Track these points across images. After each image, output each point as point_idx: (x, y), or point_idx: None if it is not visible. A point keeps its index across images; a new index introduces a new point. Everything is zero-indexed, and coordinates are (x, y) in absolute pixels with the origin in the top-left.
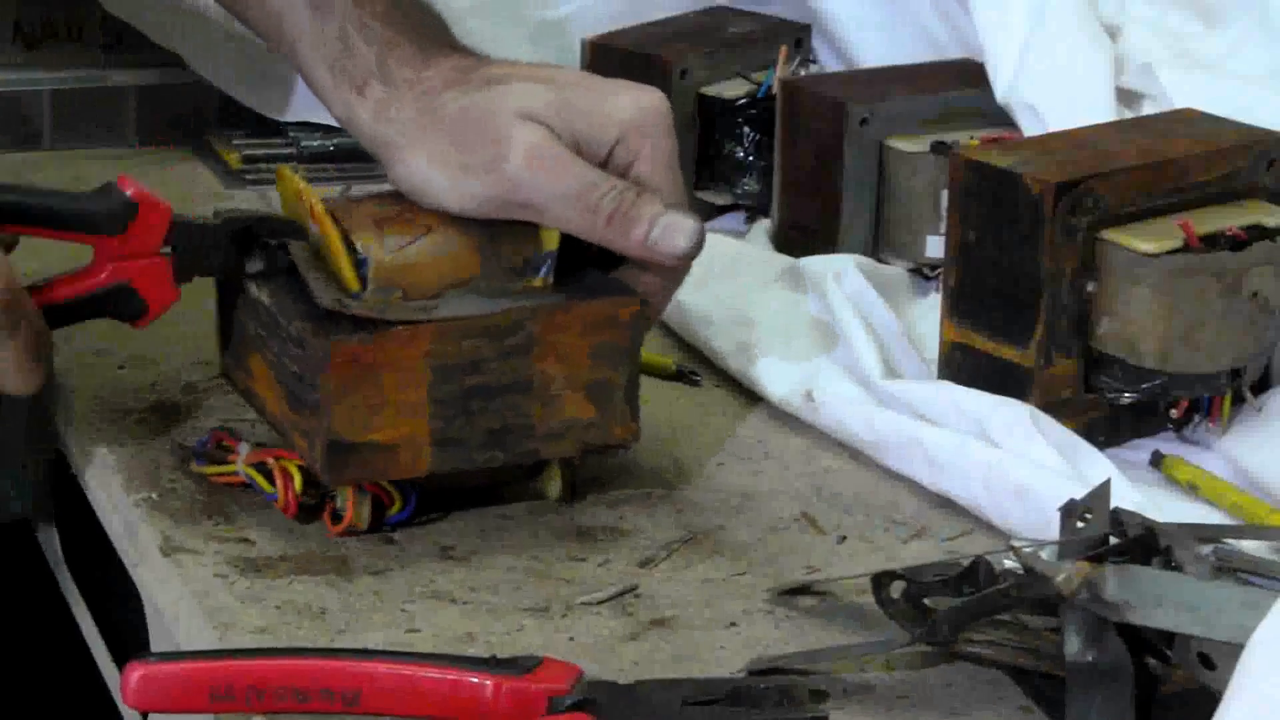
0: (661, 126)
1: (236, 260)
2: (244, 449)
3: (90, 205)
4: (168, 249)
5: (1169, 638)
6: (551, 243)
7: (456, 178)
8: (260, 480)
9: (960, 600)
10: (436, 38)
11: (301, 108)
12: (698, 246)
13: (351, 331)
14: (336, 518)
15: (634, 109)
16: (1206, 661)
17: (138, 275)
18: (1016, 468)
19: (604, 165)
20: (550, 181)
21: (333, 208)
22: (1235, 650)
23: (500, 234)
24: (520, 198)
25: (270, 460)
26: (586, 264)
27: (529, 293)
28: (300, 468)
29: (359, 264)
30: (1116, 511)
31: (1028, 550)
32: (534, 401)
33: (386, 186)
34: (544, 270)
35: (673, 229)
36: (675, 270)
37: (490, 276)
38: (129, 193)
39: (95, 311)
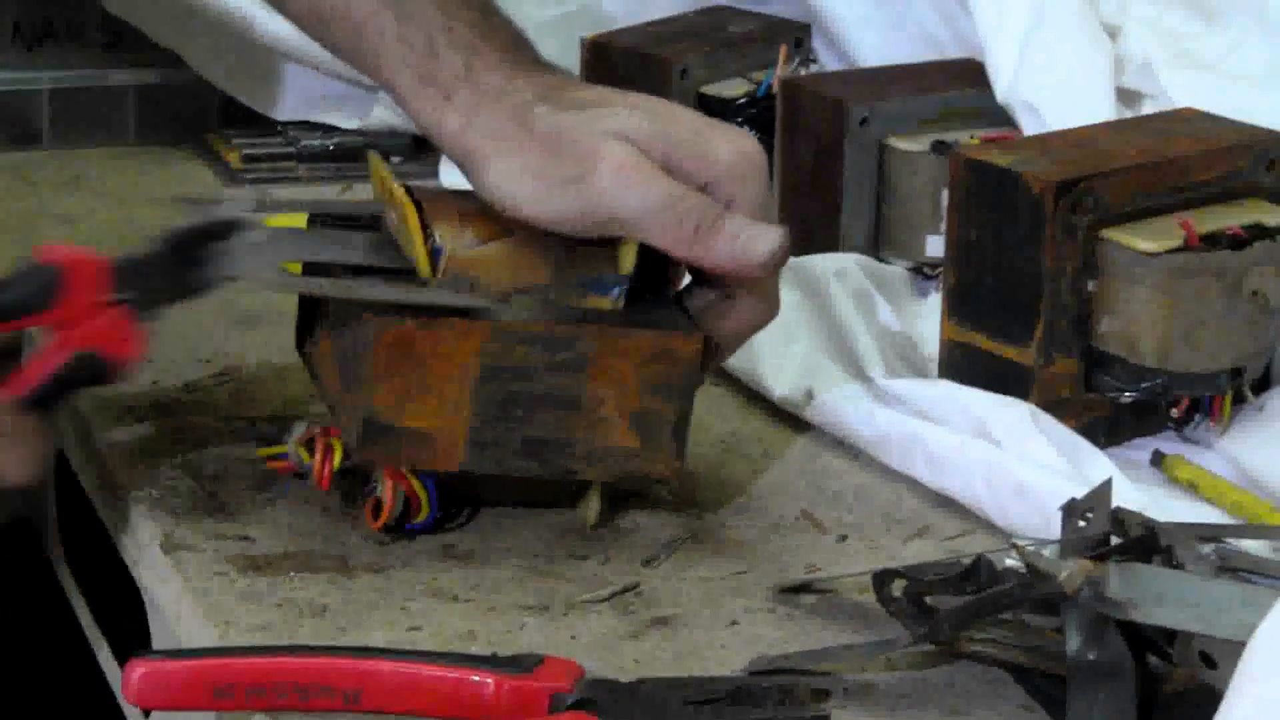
0: (757, 174)
1: (189, 276)
2: (298, 428)
3: (12, 292)
4: (119, 296)
5: (1170, 636)
6: (626, 266)
7: (544, 191)
8: (304, 454)
9: (964, 600)
10: (523, 48)
11: (301, 106)
12: (780, 254)
13: (410, 315)
14: (376, 512)
15: (733, 153)
16: (1208, 660)
17: (99, 334)
18: (1018, 467)
19: None
20: (637, 194)
21: (417, 195)
22: (1236, 649)
23: (577, 251)
24: (606, 212)
25: (317, 433)
26: (665, 300)
27: (595, 313)
28: (343, 445)
29: (433, 253)
30: (1118, 511)
31: (1030, 548)
32: (578, 420)
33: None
34: (615, 293)
35: (755, 237)
36: (755, 310)
37: (559, 290)
38: (51, 260)
39: (71, 385)
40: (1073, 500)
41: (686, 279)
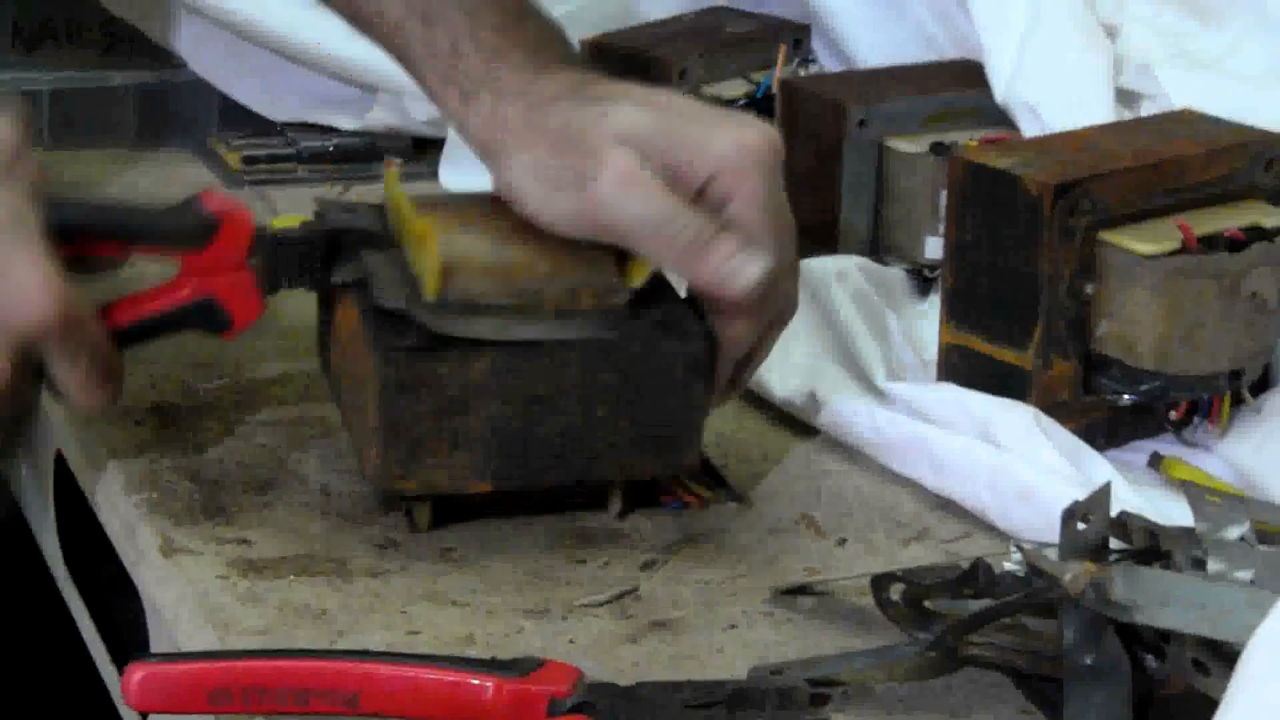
0: (761, 166)
1: (323, 270)
2: None
3: (172, 221)
4: (253, 261)
5: (1168, 638)
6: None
7: (549, 191)
8: None
9: (967, 607)
10: (551, 49)
11: (301, 108)
12: (762, 284)
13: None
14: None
15: (732, 146)
16: (1201, 668)
17: (222, 290)
18: (1022, 471)
19: (699, 199)
20: (634, 207)
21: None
22: (1230, 656)
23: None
24: (604, 219)
25: None
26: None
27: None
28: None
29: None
30: (1121, 515)
31: (1032, 550)
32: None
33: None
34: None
35: (740, 265)
36: (756, 315)
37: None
38: (211, 207)
39: (179, 326)
40: (1073, 503)
41: None
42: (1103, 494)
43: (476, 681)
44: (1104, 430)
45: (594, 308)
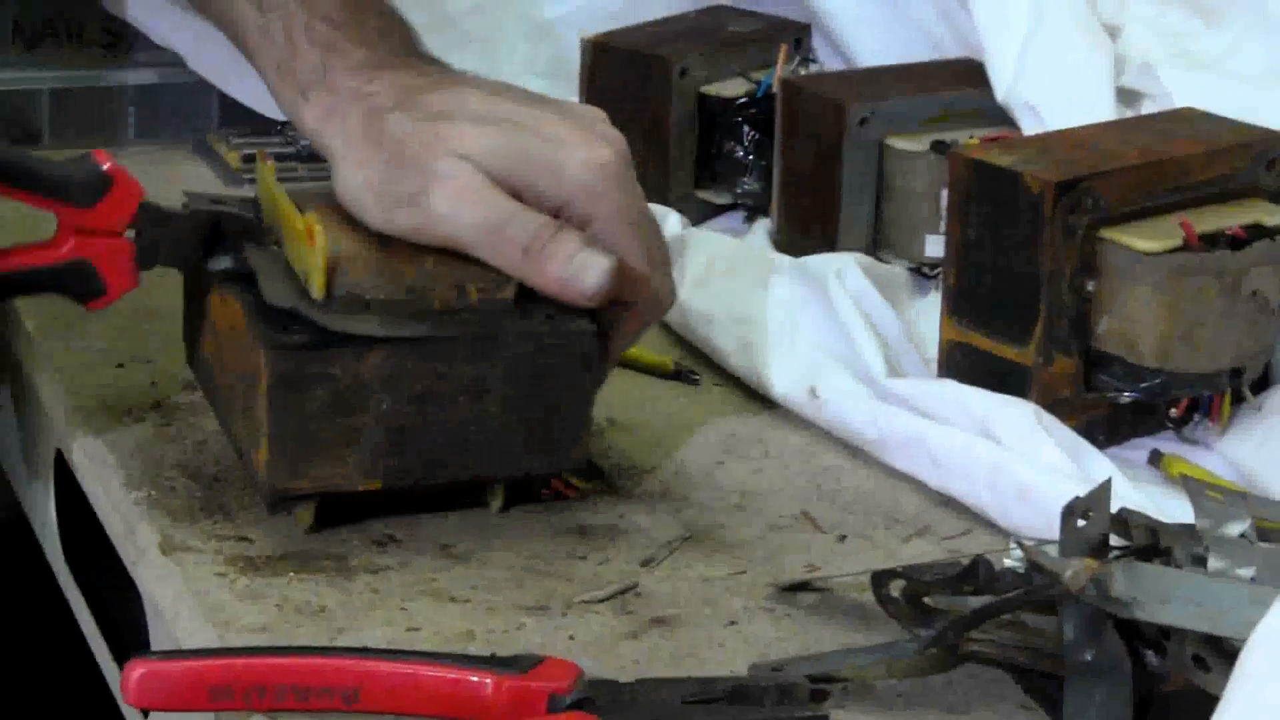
0: (615, 183)
1: (201, 254)
2: None
3: (62, 172)
4: (132, 233)
5: (1169, 635)
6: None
7: (386, 206)
8: None
9: (968, 603)
10: (390, 45)
11: None
12: (606, 285)
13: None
14: None
15: (584, 169)
16: (1201, 664)
17: (101, 254)
18: (1022, 468)
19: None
20: (468, 214)
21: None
22: (1231, 653)
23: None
24: (441, 232)
25: None
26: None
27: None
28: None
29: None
30: (1122, 512)
31: (1033, 547)
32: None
33: None
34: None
35: (583, 266)
36: (639, 313)
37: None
38: (104, 166)
39: (51, 286)
40: (1074, 500)
41: None
42: (1103, 491)
43: (476, 678)
44: (1104, 428)
45: (481, 302)
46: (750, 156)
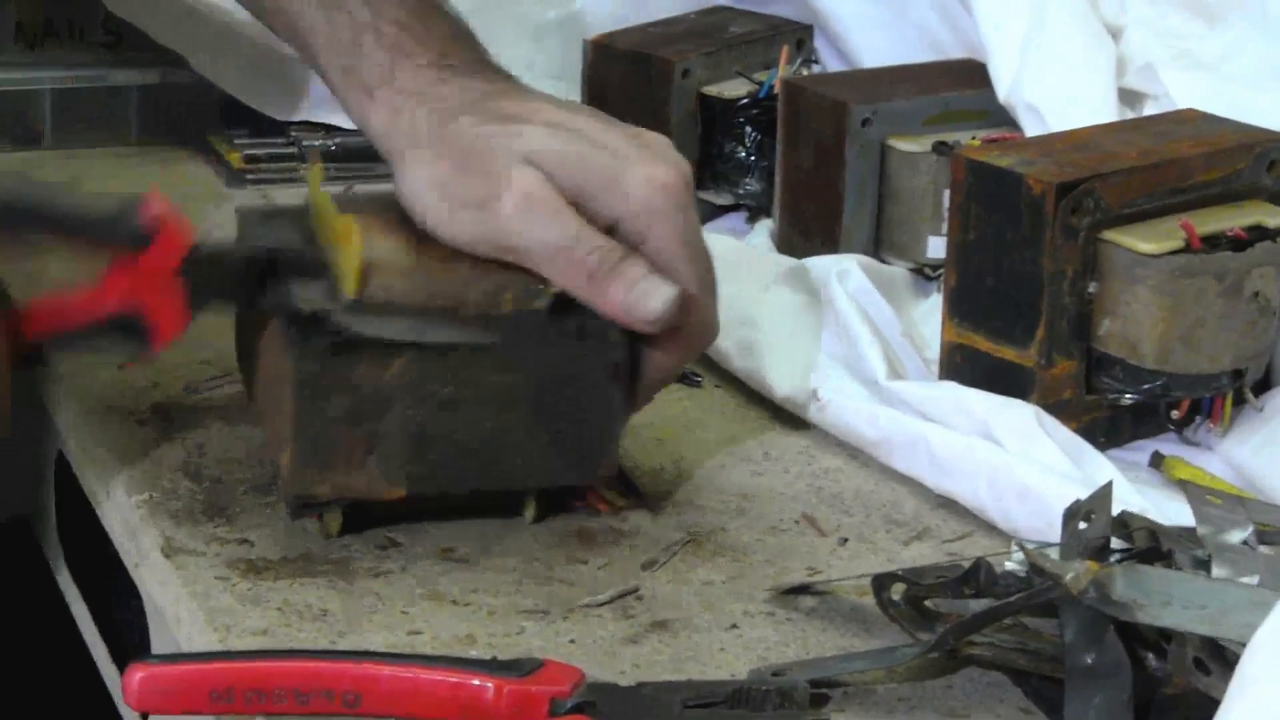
0: (674, 205)
1: (256, 292)
2: None
3: (111, 217)
4: (184, 274)
5: (1169, 637)
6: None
7: (452, 209)
8: None
9: (969, 607)
10: (459, 50)
11: (303, 107)
12: (669, 312)
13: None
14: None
15: (645, 186)
16: (1202, 667)
17: (151, 301)
18: (1022, 470)
19: (611, 233)
20: (538, 230)
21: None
22: (1231, 657)
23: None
24: (508, 242)
25: None
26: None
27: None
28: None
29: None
30: (1123, 514)
31: (1034, 550)
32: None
33: (388, 186)
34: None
35: (647, 292)
36: (682, 343)
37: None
38: (154, 210)
39: (98, 343)
40: (1075, 502)
41: None
42: (1104, 493)
43: (477, 682)
44: (1105, 429)
45: (514, 312)
46: (752, 157)
